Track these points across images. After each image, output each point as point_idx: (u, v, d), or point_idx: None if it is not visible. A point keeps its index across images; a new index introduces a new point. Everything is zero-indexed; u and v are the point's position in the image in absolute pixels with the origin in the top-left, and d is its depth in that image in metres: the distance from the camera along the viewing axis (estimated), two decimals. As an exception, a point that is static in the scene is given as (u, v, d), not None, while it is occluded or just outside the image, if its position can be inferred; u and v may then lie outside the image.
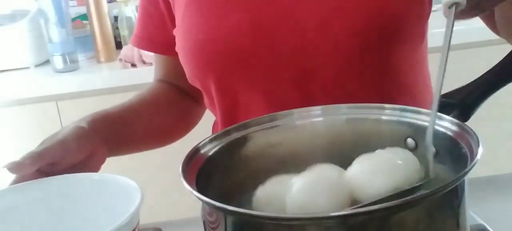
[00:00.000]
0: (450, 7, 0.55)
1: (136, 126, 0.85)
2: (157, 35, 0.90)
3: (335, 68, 0.75)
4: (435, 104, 0.50)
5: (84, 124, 0.74)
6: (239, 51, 0.76)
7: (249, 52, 0.76)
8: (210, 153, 0.58)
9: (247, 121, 0.62)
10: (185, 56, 0.81)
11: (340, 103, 0.61)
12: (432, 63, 0.92)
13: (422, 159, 0.56)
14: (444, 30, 0.52)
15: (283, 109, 0.63)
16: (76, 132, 0.71)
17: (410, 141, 0.57)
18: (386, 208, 0.42)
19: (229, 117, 0.82)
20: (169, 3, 0.86)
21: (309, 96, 0.76)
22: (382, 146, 0.57)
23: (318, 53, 0.74)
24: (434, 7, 0.81)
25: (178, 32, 0.83)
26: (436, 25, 0.80)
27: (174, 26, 0.85)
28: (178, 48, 0.82)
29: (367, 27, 0.73)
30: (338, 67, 0.75)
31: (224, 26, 0.77)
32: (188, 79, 0.84)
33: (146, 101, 0.89)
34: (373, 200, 0.47)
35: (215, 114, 0.87)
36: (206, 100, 0.87)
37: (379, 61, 0.76)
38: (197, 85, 0.84)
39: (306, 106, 0.63)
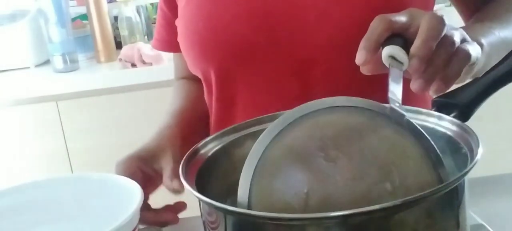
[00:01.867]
0: (390, 63, 0.55)
1: (201, 131, 0.88)
2: (164, 33, 0.93)
3: (335, 58, 0.75)
4: None
5: (179, 142, 0.79)
6: (238, 40, 0.76)
7: (248, 42, 0.76)
8: (210, 153, 0.58)
9: (247, 121, 0.62)
10: (186, 45, 0.82)
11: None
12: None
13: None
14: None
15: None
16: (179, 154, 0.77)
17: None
18: (386, 208, 0.42)
19: (227, 106, 0.82)
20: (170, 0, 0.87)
21: (309, 86, 0.75)
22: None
23: (318, 42, 0.74)
24: (435, 7, 0.80)
25: (179, 22, 0.83)
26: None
27: None
28: (180, 38, 0.83)
29: (368, 17, 0.72)
30: (338, 56, 0.74)
31: (224, 15, 0.77)
32: (189, 67, 0.85)
33: (191, 104, 0.91)
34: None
35: (211, 104, 0.86)
36: (205, 90, 0.87)
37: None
38: (198, 74, 0.85)
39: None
